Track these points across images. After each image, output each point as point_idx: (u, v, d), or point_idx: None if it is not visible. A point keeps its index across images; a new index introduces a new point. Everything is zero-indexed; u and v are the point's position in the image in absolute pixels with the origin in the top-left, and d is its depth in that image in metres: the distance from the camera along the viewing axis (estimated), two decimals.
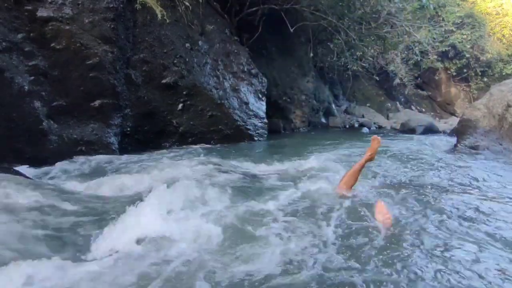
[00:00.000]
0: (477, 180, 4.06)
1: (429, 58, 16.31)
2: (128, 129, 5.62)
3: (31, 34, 4.51)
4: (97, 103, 5.02)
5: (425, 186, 3.64)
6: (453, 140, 7.14)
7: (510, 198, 3.32)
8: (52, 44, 4.65)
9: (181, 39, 6.44)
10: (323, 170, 4.07)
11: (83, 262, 1.89)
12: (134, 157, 5.01)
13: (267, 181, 3.72)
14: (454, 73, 16.93)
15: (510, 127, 5.94)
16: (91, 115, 5.00)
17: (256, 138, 7.32)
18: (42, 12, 4.58)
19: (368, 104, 16.71)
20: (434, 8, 14.47)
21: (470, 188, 3.70)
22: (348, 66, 13.14)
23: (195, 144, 6.41)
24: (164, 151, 5.73)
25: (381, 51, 12.78)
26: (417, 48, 14.14)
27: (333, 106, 14.42)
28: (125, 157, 4.97)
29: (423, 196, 3.28)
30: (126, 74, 5.51)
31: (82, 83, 4.87)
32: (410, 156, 5.67)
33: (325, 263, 1.96)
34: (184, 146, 6.24)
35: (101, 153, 4.89)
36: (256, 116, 7.56)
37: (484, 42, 16.04)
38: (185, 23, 6.56)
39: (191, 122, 6.43)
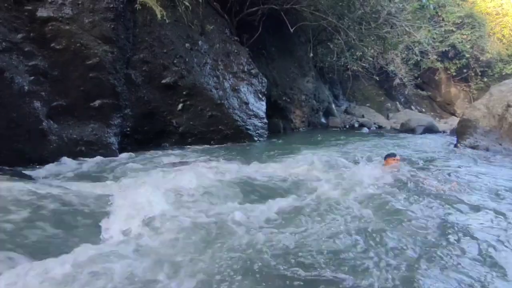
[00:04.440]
0: (477, 180, 4.06)
1: (429, 58, 16.30)
2: (128, 129, 5.62)
3: (31, 34, 4.51)
4: (97, 103, 5.02)
5: (424, 186, 3.63)
6: (453, 140, 7.14)
7: (507, 197, 3.33)
8: (52, 44, 4.65)
9: (181, 39, 6.44)
10: (322, 171, 4.07)
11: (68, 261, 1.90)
12: (134, 157, 5.01)
13: (266, 182, 3.72)
14: (454, 73, 16.93)
15: (510, 127, 5.94)
16: (91, 115, 4.99)
17: (256, 138, 7.31)
18: (42, 12, 4.58)
19: (368, 104, 16.71)
20: (434, 8, 14.46)
21: (469, 187, 3.69)
22: (348, 66, 13.15)
23: (195, 144, 6.41)
24: (164, 151, 5.73)
25: (381, 51, 12.75)
26: (417, 48, 14.14)
27: (333, 106, 14.41)
28: (125, 157, 4.97)
29: (422, 194, 3.28)
30: (126, 74, 5.50)
31: (82, 83, 4.87)
32: (410, 156, 5.67)
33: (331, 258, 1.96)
34: (184, 146, 6.24)
35: (101, 153, 4.89)
36: (256, 116, 7.55)
37: (484, 42, 16.03)
38: (185, 23, 6.55)
39: (191, 122, 6.43)
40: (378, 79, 16.04)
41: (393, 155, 4.51)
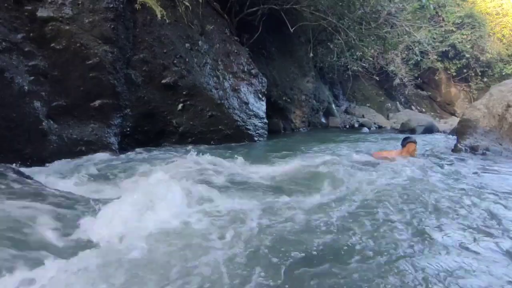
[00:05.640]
0: (476, 180, 4.06)
1: (429, 58, 16.32)
2: (128, 129, 5.62)
3: (31, 34, 4.50)
4: (97, 103, 5.02)
5: (423, 185, 3.64)
6: (453, 140, 7.14)
7: (506, 196, 3.33)
8: (52, 44, 4.65)
9: (181, 39, 6.44)
10: (322, 171, 4.07)
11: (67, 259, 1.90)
12: (134, 157, 5.01)
13: (265, 182, 3.71)
14: (454, 73, 16.94)
15: (510, 127, 5.94)
16: (91, 115, 4.99)
17: (256, 138, 7.31)
18: (42, 12, 4.58)
19: (368, 104, 16.72)
20: (434, 8, 14.47)
21: (468, 187, 3.69)
22: (348, 66, 13.16)
23: (195, 144, 6.40)
24: (164, 151, 5.73)
25: (381, 51, 12.78)
26: (417, 48, 14.16)
27: (333, 106, 14.42)
28: (124, 157, 4.97)
29: (421, 194, 3.28)
30: (126, 74, 5.50)
31: (82, 83, 4.87)
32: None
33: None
34: (184, 146, 6.23)
35: (101, 153, 4.88)
36: (256, 116, 7.55)
37: (484, 42, 16.05)
38: (185, 23, 6.55)
39: (191, 122, 6.43)
40: (378, 79, 16.06)
41: (411, 139, 5.29)
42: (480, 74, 16.81)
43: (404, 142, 5.31)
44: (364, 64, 14.62)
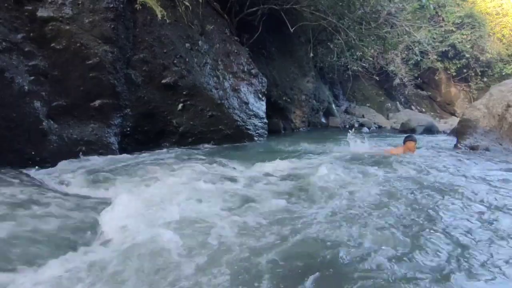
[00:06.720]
0: (476, 180, 4.06)
1: (429, 58, 16.33)
2: (128, 129, 5.62)
3: (31, 34, 4.50)
4: (97, 103, 5.01)
5: (423, 186, 3.64)
6: (453, 140, 7.14)
7: (506, 197, 3.33)
8: (52, 44, 4.64)
9: (181, 39, 6.43)
10: (323, 170, 4.07)
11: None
12: (134, 157, 5.01)
13: (265, 182, 3.71)
14: (454, 73, 16.95)
15: (510, 127, 5.94)
16: (91, 115, 4.99)
17: (256, 138, 7.31)
18: (42, 12, 4.57)
19: (368, 104, 16.73)
20: (434, 8, 14.49)
21: (468, 187, 3.69)
22: (348, 66, 13.17)
23: (195, 144, 6.41)
24: (164, 151, 5.73)
25: (381, 51, 12.79)
26: (417, 48, 14.17)
27: (333, 106, 14.44)
28: (124, 157, 4.96)
29: (421, 194, 3.28)
30: (126, 74, 5.50)
31: (82, 83, 4.87)
32: (410, 156, 5.66)
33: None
34: (184, 146, 6.24)
35: (101, 153, 4.89)
36: (256, 116, 7.55)
37: (484, 42, 16.06)
38: (185, 23, 6.55)
39: (191, 122, 6.43)
40: (378, 79, 16.08)
41: (411, 138, 5.86)
42: (480, 74, 16.83)
43: (405, 140, 5.95)
44: (364, 64, 14.64)
